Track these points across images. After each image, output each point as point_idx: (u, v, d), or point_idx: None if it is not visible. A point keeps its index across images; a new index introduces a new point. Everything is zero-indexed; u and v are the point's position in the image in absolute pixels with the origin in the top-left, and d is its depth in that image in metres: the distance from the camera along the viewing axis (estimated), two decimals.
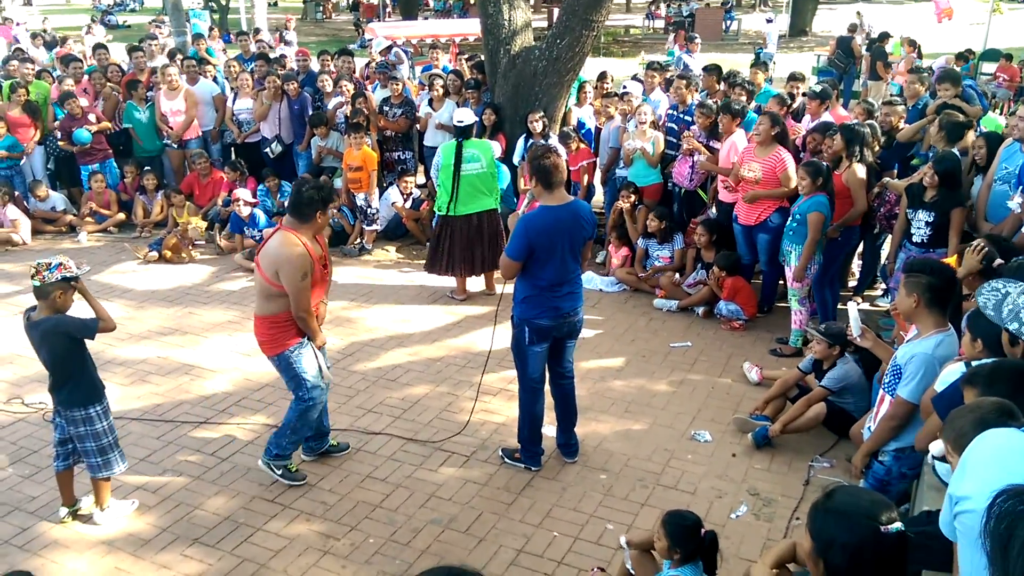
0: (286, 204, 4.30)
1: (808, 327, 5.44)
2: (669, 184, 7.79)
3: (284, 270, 4.21)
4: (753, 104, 7.87)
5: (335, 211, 8.35)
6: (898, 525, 1.98)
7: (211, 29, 17.43)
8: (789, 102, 7.58)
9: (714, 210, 7.43)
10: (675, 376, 5.98)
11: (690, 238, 7.31)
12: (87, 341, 4.15)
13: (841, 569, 1.97)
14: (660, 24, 30.93)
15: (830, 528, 2.00)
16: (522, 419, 4.80)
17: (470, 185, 6.88)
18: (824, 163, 6.05)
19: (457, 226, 7.02)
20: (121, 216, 9.19)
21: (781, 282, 6.83)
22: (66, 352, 4.08)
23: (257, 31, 14.75)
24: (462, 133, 6.92)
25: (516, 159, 8.18)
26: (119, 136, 9.43)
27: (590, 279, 7.73)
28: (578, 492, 4.62)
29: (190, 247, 8.46)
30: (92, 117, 9.04)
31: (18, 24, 18.10)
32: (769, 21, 19.65)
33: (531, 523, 4.35)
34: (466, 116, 7.05)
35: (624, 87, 9.23)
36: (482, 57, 9.35)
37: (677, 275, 7.28)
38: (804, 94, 8.05)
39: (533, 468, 4.81)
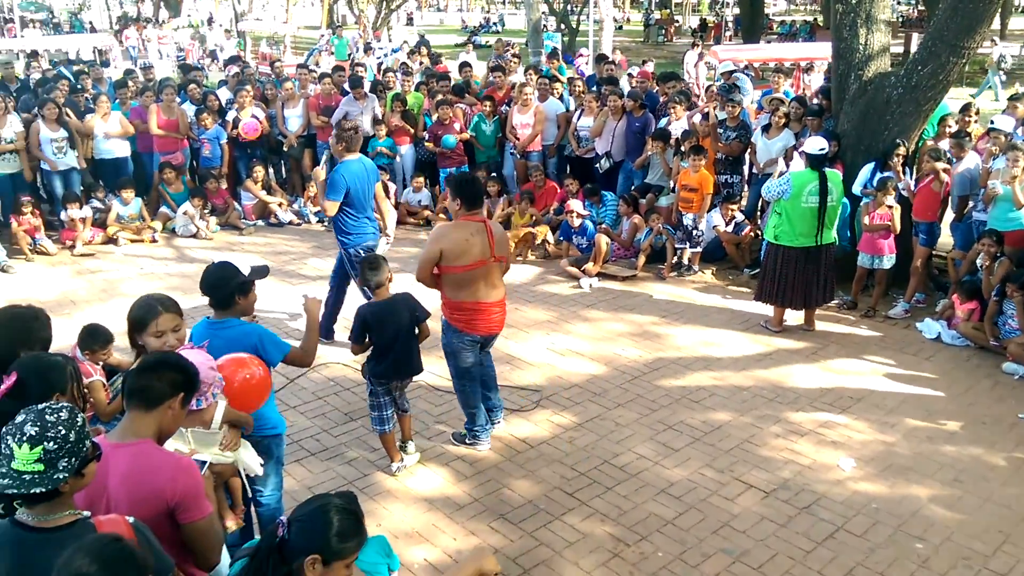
0: (459, 197, 4.98)
1: None
2: None
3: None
4: None
5: (660, 228, 8.52)
6: None
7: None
8: None
9: None
10: (1021, 451, 5.23)
11: None
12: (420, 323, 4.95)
13: None
14: None
15: None
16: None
17: (815, 217, 6.65)
18: None
19: (793, 256, 6.81)
20: None
21: None
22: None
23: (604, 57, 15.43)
24: (820, 162, 6.68)
25: (856, 188, 7.72)
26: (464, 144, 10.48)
27: (928, 327, 7.04)
28: (887, 556, 4.25)
29: (528, 249, 9.15)
30: (456, 126, 10.17)
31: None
32: None
33: None
34: (823, 144, 6.78)
35: (992, 123, 8.26)
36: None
37: None
38: None
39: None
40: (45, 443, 2.25)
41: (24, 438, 2.24)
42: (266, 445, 3.94)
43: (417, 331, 4.96)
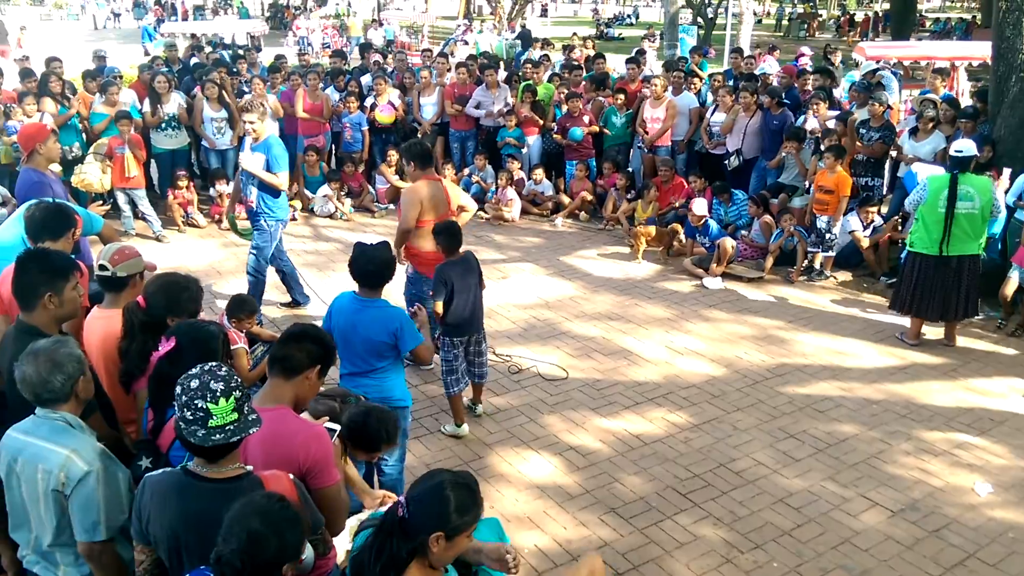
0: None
1: None
2: None
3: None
4: None
5: (792, 230, 8.23)
6: None
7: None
8: None
9: None
10: None
11: None
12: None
13: None
14: None
15: None
16: None
17: (957, 226, 6.25)
18: None
19: (933, 266, 6.44)
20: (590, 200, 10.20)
21: None
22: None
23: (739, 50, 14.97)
24: (958, 165, 6.30)
25: (1010, 199, 7.21)
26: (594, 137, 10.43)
27: None
28: None
29: (665, 247, 8.99)
30: (586, 119, 10.15)
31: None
32: None
33: None
34: (966, 147, 6.38)
35: None
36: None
37: None
38: None
39: None
40: (235, 392, 2.42)
41: (217, 393, 2.38)
42: None
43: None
